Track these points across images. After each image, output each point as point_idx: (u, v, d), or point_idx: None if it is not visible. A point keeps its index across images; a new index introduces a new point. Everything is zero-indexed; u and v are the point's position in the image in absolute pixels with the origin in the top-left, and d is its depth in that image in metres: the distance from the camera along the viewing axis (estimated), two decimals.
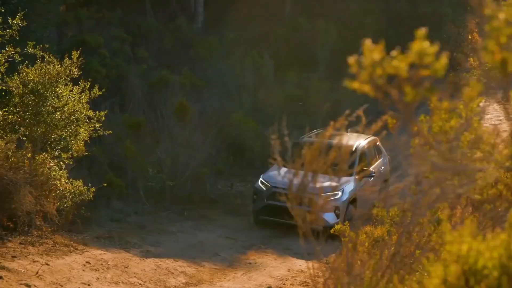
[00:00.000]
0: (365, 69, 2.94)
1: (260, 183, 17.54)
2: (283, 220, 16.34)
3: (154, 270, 12.13)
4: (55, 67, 14.02)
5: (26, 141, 13.68)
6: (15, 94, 13.80)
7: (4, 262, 10.16)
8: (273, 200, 16.85)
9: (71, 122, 14.27)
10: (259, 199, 17.39)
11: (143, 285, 10.87)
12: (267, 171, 17.84)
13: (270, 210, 17.06)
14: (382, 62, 2.92)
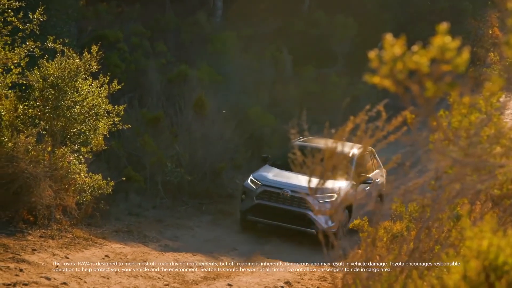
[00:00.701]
0: (386, 63, 2.94)
1: (250, 181, 16.51)
2: (272, 222, 15.99)
3: (173, 264, 12.18)
4: (75, 61, 14.09)
5: (46, 135, 13.76)
6: (35, 88, 13.88)
7: (24, 255, 10.23)
8: (263, 200, 16.10)
9: (90, 116, 14.34)
10: (248, 198, 16.34)
11: (162, 279, 10.91)
12: (258, 170, 16.96)
13: (260, 210, 16.12)
14: (403, 57, 2.92)
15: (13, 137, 12.77)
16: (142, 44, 25.50)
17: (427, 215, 5.94)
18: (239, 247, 15.09)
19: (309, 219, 15.50)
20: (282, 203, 15.83)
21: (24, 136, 12.95)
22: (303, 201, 15.53)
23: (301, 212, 15.58)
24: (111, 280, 9.76)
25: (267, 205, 15.98)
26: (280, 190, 15.91)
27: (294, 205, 15.71)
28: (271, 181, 16.18)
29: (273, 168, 16.86)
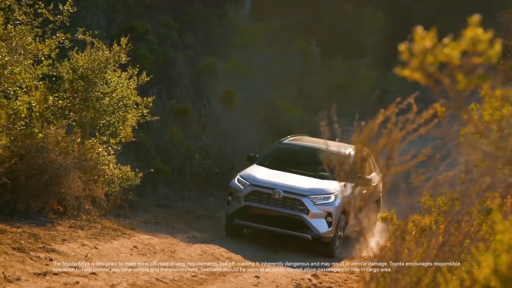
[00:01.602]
0: (416, 56, 2.93)
1: (237, 181, 14.81)
2: (262, 226, 14.47)
3: (200, 255, 12.24)
4: (104, 53, 14.19)
5: (76, 126, 13.87)
6: (65, 80, 14.00)
7: (54, 245, 10.35)
8: (252, 201, 14.48)
9: (119, 107, 14.44)
10: (235, 200, 14.62)
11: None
12: (246, 169, 15.35)
13: (248, 213, 14.47)
14: (433, 49, 2.91)
15: (43, 128, 12.90)
16: (170, 36, 25.58)
17: (457, 208, 5.91)
18: (267, 238, 15.10)
19: (303, 223, 14.22)
20: (274, 205, 14.35)
21: (54, 127, 13.07)
22: (297, 203, 14.28)
23: (295, 215, 14.25)
24: (139, 271, 9.84)
25: (257, 208, 14.44)
26: (271, 191, 14.42)
27: (287, 207, 14.32)
28: (261, 181, 14.63)
29: (262, 167, 15.41)
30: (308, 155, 15.69)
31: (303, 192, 14.29)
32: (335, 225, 14.23)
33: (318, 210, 14.19)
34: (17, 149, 12.40)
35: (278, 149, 16.08)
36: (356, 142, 5.87)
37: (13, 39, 12.01)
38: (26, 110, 12.39)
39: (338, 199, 14.26)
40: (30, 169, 12.60)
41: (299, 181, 14.63)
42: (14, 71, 11.79)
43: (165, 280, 9.71)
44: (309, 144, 16.00)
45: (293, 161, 15.65)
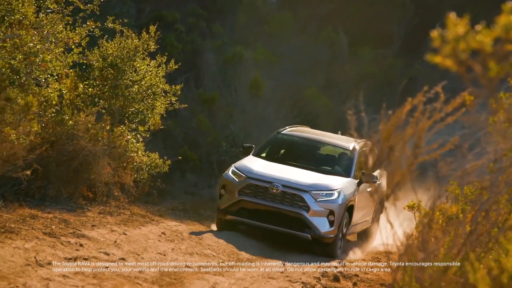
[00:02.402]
0: (449, 43, 2.89)
1: (232, 173, 13.39)
2: (257, 223, 13.08)
3: (227, 243, 12.26)
4: (133, 41, 14.25)
5: (105, 114, 13.96)
6: (95, 68, 14.09)
7: (84, 231, 10.43)
8: (247, 196, 13.09)
9: (148, 95, 14.50)
10: (229, 193, 13.21)
11: (217, 257, 11.01)
12: (241, 160, 13.98)
13: (242, 209, 13.11)
14: (466, 36, 2.87)
15: (73, 115, 12.99)
16: (198, 25, 25.62)
17: (485, 197, 5.86)
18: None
19: (303, 221, 12.85)
20: (271, 200, 12.97)
21: (84, 114, 13.16)
22: (297, 198, 12.90)
23: (294, 212, 12.88)
24: (167, 257, 9.90)
25: (252, 203, 13.02)
26: (268, 185, 13.00)
27: (286, 203, 12.94)
28: (258, 174, 13.21)
29: (259, 159, 14.04)
30: (309, 147, 14.63)
31: (303, 187, 12.97)
32: (337, 224, 12.94)
33: (319, 208, 12.87)
34: (48, 136, 12.50)
35: (277, 140, 14.79)
36: (383, 130, 5.83)
37: (45, 28, 12.09)
38: (57, 98, 12.48)
39: (341, 196, 13.06)
40: (61, 155, 12.70)
41: (299, 175, 13.35)
42: (46, 59, 11.86)
43: (193, 266, 9.75)
44: (310, 136, 14.87)
45: (293, 153, 14.54)
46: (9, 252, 7.55)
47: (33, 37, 11.68)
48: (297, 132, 14.88)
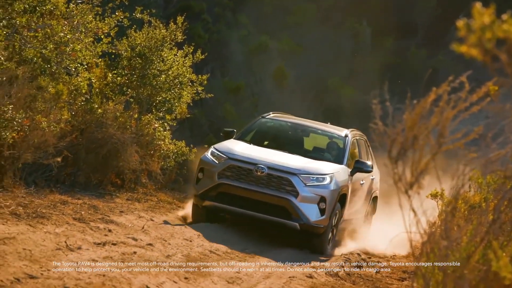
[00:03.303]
0: (474, 32, 2.87)
1: (211, 154, 11.77)
2: (239, 210, 11.44)
3: (252, 230, 12.28)
4: (161, 31, 14.30)
5: (133, 103, 14.04)
6: (124, 57, 14.17)
7: (112, 217, 10.51)
8: (228, 179, 11.43)
9: (175, 85, 14.56)
10: (207, 177, 11.57)
11: (241, 243, 11.03)
12: (222, 142, 12.33)
13: (222, 194, 11.48)
14: (492, 25, 2.85)
15: (102, 104, 13.08)
16: (224, 15, 25.62)
17: (508, 186, 5.82)
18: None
19: (291, 208, 11.23)
20: (255, 184, 11.32)
21: (113, 103, 13.24)
22: (284, 182, 11.27)
23: (280, 197, 11.25)
24: (193, 243, 9.93)
25: (233, 187, 11.38)
26: (253, 167, 11.36)
27: (271, 187, 11.31)
28: (241, 155, 11.61)
29: (241, 142, 12.41)
30: (298, 133, 13.13)
31: (292, 170, 11.36)
32: (329, 213, 11.36)
33: (309, 193, 11.24)
34: (78, 124, 12.60)
35: (262, 124, 13.15)
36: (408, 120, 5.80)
37: (75, 18, 12.16)
38: (87, 87, 12.57)
39: (334, 182, 11.48)
40: (90, 143, 12.79)
41: (287, 158, 11.78)
42: (76, 48, 11.95)
43: (218, 252, 9.78)
44: (299, 121, 13.41)
45: (280, 139, 12.95)
46: (41, 236, 7.62)
47: (64, 27, 11.76)
48: (285, 118, 13.40)
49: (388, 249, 12.20)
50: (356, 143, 13.18)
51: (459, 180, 5.79)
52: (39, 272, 6.05)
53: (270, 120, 13.20)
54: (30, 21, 11.23)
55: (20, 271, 5.91)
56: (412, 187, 5.63)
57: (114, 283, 6.31)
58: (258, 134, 12.93)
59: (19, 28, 11.08)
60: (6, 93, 10.25)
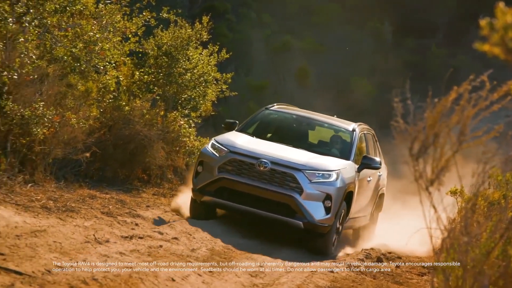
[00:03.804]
0: (497, 31, 2.85)
1: (211, 147, 10.97)
2: (240, 206, 10.62)
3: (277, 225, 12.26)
4: (187, 31, 14.35)
5: (159, 100, 14.10)
6: (150, 56, 14.24)
7: (139, 211, 10.57)
8: (229, 173, 10.60)
9: (200, 83, 14.61)
10: (207, 170, 10.76)
11: (267, 238, 11.04)
12: (223, 134, 11.57)
13: (222, 189, 10.67)
14: None
15: (130, 101, 13.15)
16: (248, 15, 25.63)
17: None
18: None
19: (295, 206, 10.42)
20: (257, 179, 10.51)
21: (140, 100, 13.31)
22: (288, 178, 10.46)
23: (284, 194, 10.45)
24: (219, 237, 9.95)
25: (234, 182, 10.55)
26: (255, 161, 10.54)
27: (275, 183, 10.49)
28: (243, 148, 10.77)
29: (244, 134, 11.58)
30: (303, 126, 12.24)
31: (296, 165, 10.54)
32: (334, 212, 10.54)
33: (314, 190, 10.43)
34: (106, 121, 12.68)
35: (266, 116, 12.28)
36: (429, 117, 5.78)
37: (104, 18, 12.24)
38: (115, 84, 12.65)
39: (340, 179, 10.67)
40: (118, 139, 12.87)
41: (291, 153, 10.96)
42: (104, 47, 12.02)
43: (242, 246, 9.80)
44: (305, 114, 12.48)
45: (284, 131, 12.10)
46: (70, 229, 7.69)
47: (93, 27, 11.84)
48: (289, 109, 12.54)
49: (408, 245, 12.12)
50: (364, 138, 12.34)
51: (479, 178, 5.76)
52: (69, 264, 6.10)
53: (274, 112, 12.36)
54: (60, 21, 11.33)
55: (50, 263, 5.97)
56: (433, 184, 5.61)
57: (141, 275, 6.35)
58: (261, 126, 12.10)
59: (50, 28, 11.18)
60: (38, 91, 10.34)
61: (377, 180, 12.64)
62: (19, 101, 9.99)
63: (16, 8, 10.36)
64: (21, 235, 6.88)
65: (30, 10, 10.64)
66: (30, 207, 8.76)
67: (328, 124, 12.30)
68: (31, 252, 6.26)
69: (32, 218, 8.00)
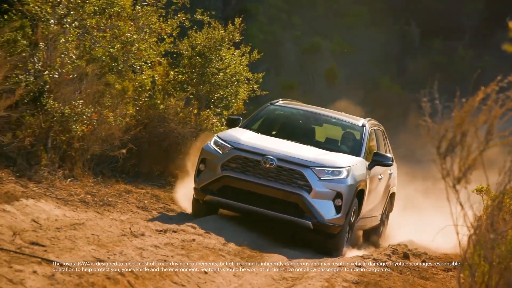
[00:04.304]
0: None
1: (214, 143, 10.07)
2: (246, 206, 9.74)
3: None
4: (220, 32, 14.39)
5: (193, 99, 14.16)
6: (185, 56, 14.32)
7: (173, 206, 10.64)
8: (233, 171, 9.73)
9: (232, 82, 14.65)
10: (209, 168, 9.88)
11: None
12: (226, 131, 10.86)
13: (226, 187, 9.79)
14: None
15: (164, 100, 13.24)
16: (279, 17, 25.61)
17: None
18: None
19: (303, 205, 9.57)
20: (263, 177, 9.64)
21: (174, 99, 13.39)
22: (296, 176, 9.60)
23: (292, 192, 9.59)
24: (249, 231, 9.96)
25: (239, 180, 9.68)
26: (260, 158, 9.68)
27: (282, 181, 9.63)
28: (247, 144, 9.89)
29: (248, 131, 10.71)
30: (310, 121, 11.39)
31: (304, 162, 9.70)
32: (345, 211, 9.70)
33: (324, 188, 9.61)
34: (142, 118, 12.79)
35: (271, 111, 11.42)
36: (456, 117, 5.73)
37: (140, 19, 12.34)
38: (150, 83, 12.73)
39: (351, 176, 9.83)
40: (153, 136, 12.97)
41: (299, 149, 10.13)
42: (141, 48, 12.11)
43: (270, 241, 9.79)
44: (312, 109, 11.65)
45: (291, 128, 11.27)
46: (107, 223, 7.76)
47: (130, 28, 11.93)
48: (296, 105, 11.75)
49: (434, 241, 12.01)
50: (374, 134, 11.42)
51: (506, 176, 5.70)
52: (106, 256, 6.15)
53: (279, 108, 11.46)
54: (99, 22, 11.43)
55: (89, 255, 6.03)
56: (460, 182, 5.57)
57: (175, 268, 6.38)
58: (266, 122, 11.22)
59: (90, 29, 11.29)
60: (77, 89, 10.46)
61: (388, 178, 11.80)
62: (60, 99, 10.11)
63: (57, 10, 10.48)
64: (61, 227, 6.97)
65: (70, 12, 10.75)
66: (70, 201, 8.86)
67: (336, 119, 11.43)
68: (70, 244, 6.33)
69: (71, 212, 8.10)
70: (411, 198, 14.82)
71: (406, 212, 13.96)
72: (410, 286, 8.28)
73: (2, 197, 7.44)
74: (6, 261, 5.11)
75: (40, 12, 10.31)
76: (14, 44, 9.96)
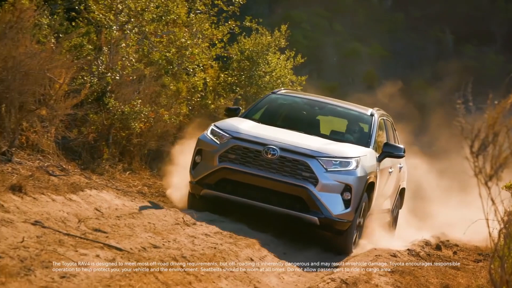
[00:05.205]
0: None
1: (211, 133, 8.57)
2: (246, 200, 8.27)
3: None
4: (267, 38, 14.43)
5: (241, 100, 14.22)
6: (234, 60, 14.38)
7: None
8: (232, 163, 8.28)
9: (277, 85, 14.65)
10: (206, 160, 8.40)
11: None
12: (224, 120, 9.15)
13: (224, 180, 8.34)
14: None
15: (215, 100, 13.31)
16: (321, 24, 25.52)
17: None
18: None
19: (309, 199, 8.12)
20: (265, 169, 8.20)
21: (224, 100, 13.44)
22: (301, 167, 8.15)
23: (297, 185, 8.14)
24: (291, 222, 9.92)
25: (238, 172, 8.24)
26: (262, 148, 8.22)
27: (285, 173, 8.18)
28: (247, 134, 8.42)
29: (247, 120, 9.16)
30: (315, 110, 9.87)
31: (310, 152, 8.23)
32: (354, 205, 8.26)
33: (331, 181, 8.15)
34: (194, 117, 12.86)
35: (273, 100, 9.87)
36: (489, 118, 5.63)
37: (194, 26, 12.42)
38: (202, 85, 12.80)
39: (361, 167, 8.35)
40: None
41: (303, 139, 8.66)
42: (194, 52, 12.18)
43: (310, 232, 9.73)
44: (317, 98, 10.15)
45: (294, 117, 9.71)
46: (162, 213, 7.82)
47: (185, 34, 12.02)
48: (299, 94, 10.54)
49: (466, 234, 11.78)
50: (384, 124, 9.96)
51: None
52: (161, 243, 6.20)
53: (282, 97, 9.97)
54: (157, 29, 11.54)
55: (146, 241, 6.08)
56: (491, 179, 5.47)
57: (224, 255, 6.41)
58: (268, 111, 9.66)
59: (148, 35, 11.40)
60: (136, 90, 10.57)
61: (398, 172, 10.30)
62: (120, 99, 10.24)
63: (119, 18, 10.61)
64: (121, 216, 7.05)
65: (131, 19, 10.87)
66: (128, 192, 8.97)
67: (343, 108, 9.90)
68: (129, 231, 6.40)
69: (130, 202, 8.18)
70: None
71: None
72: (442, 275, 8.17)
73: (69, 187, 7.56)
74: (72, 245, 5.19)
75: (104, 19, 10.46)
76: (80, 48, 10.12)
